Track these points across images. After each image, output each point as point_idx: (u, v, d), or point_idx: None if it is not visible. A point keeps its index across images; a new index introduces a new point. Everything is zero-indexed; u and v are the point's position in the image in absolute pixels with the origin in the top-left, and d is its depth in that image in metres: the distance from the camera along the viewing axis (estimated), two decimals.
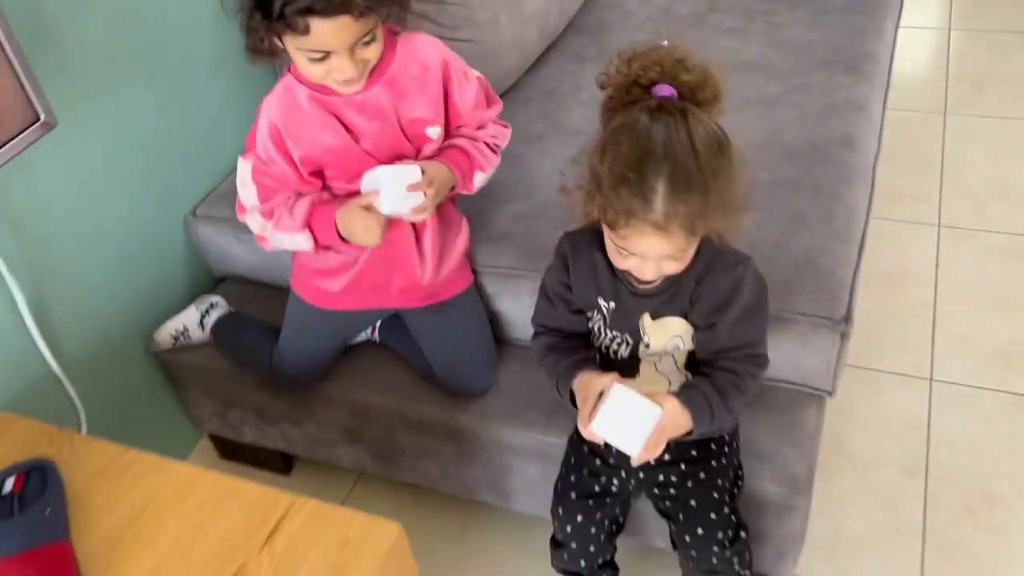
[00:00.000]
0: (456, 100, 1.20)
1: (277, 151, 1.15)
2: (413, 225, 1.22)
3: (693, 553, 1.14)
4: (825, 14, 1.78)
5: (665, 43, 1.81)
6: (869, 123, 1.49)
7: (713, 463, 1.14)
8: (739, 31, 1.77)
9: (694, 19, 1.84)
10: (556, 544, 1.22)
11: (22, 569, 0.93)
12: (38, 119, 1.08)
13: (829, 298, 1.18)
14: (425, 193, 1.12)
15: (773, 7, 1.83)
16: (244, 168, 1.19)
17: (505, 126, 1.28)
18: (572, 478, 1.19)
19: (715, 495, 1.13)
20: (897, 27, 1.86)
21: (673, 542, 1.17)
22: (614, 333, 1.08)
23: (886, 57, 1.71)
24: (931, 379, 1.66)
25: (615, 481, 1.18)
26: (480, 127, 1.24)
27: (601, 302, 1.07)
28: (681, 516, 1.14)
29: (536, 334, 1.15)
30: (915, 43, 2.66)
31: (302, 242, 1.18)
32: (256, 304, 1.52)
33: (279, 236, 1.19)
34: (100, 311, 1.38)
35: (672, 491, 1.15)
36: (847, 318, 1.17)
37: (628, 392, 0.99)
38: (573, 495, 1.19)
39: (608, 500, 1.19)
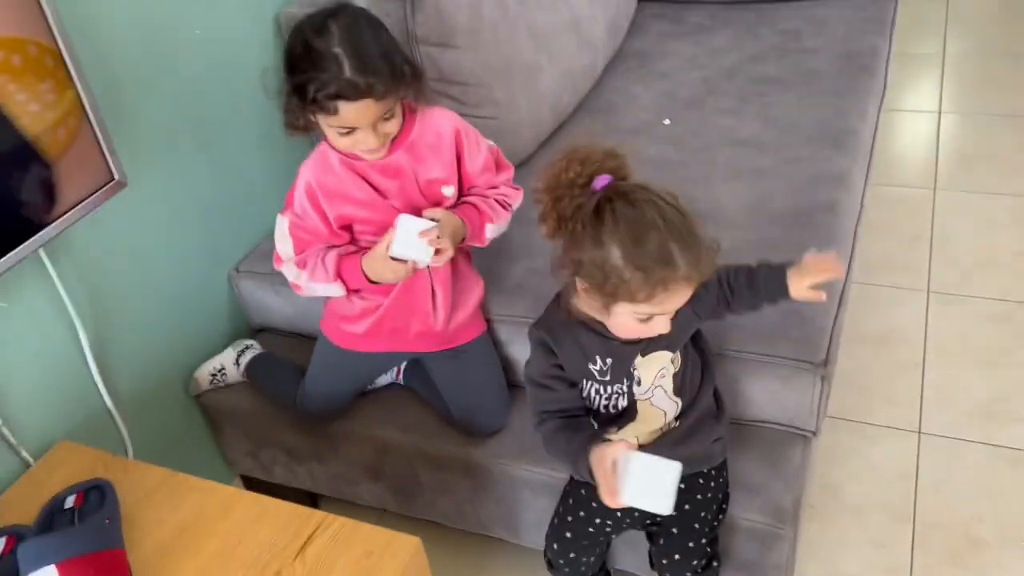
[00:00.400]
0: (467, 164, 1.36)
1: (312, 207, 1.31)
2: (430, 276, 1.36)
3: (667, 574, 1.25)
4: (813, 97, 1.94)
5: (667, 122, 1.99)
6: (850, 192, 1.64)
7: (699, 496, 1.25)
8: (735, 111, 1.94)
9: (694, 101, 2.01)
10: (549, 564, 1.33)
11: (83, 571, 1.04)
12: (113, 179, 1.25)
13: (811, 344, 1.30)
14: (434, 244, 1.23)
15: (766, 90, 2.00)
16: (282, 223, 1.35)
17: (516, 189, 1.42)
18: (569, 518, 1.29)
19: (696, 526, 1.23)
20: (880, 109, 2.02)
21: (651, 559, 1.28)
22: (614, 387, 1.17)
23: (868, 135, 1.86)
24: (919, 432, 1.76)
25: (609, 522, 1.28)
26: (491, 188, 1.39)
27: (592, 367, 1.16)
28: (662, 540, 1.25)
29: (540, 422, 1.20)
30: (908, 125, 2.83)
31: (336, 290, 1.33)
32: (290, 353, 1.65)
33: (314, 286, 1.34)
34: (149, 354, 1.52)
35: (659, 517, 1.24)
36: (827, 362, 1.29)
37: (641, 457, 1.03)
38: (568, 535, 1.29)
39: (601, 538, 1.29)
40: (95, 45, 1.27)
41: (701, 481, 1.25)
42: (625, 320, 1.08)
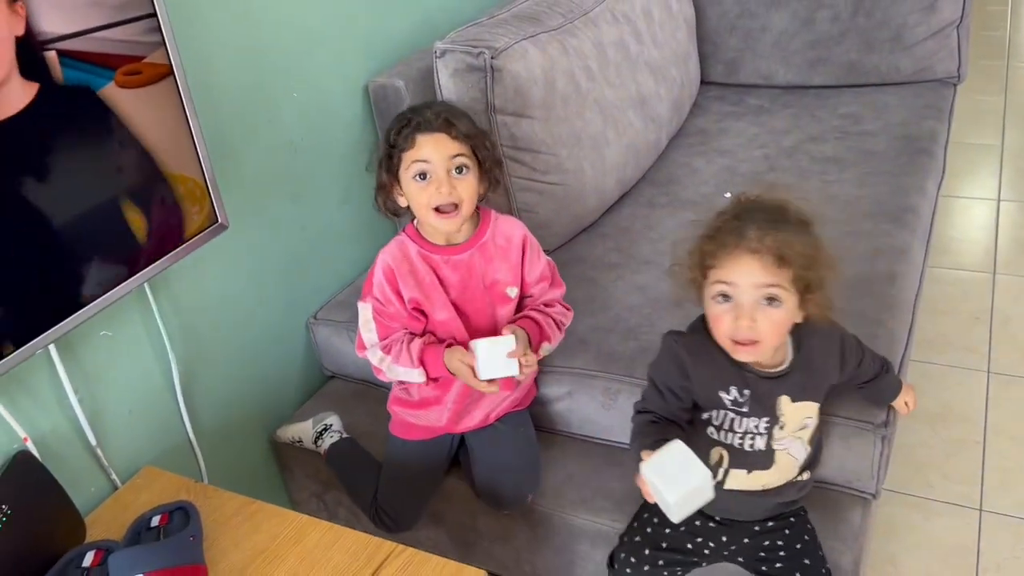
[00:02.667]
0: (526, 269, 1.44)
1: (390, 287, 1.38)
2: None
3: None
4: (873, 175, 2.00)
5: (727, 195, 2.06)
6: (910, 265, 1.67)
7: (808, 525, 1.28)
8: (795, 187, 2.00)
9: (755, 176, 2.08)
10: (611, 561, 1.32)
11: None
12: (217, 221, 1.36)
13: (871, 405, 1.33)
14: (521, 362, 1.31)
15: (826, 168, 2.06)
16: (365, 310, 1.41)
17: (568, 309, 1.49)
18: (667, 530, 1.28)
19: (820, 553, 1.25)
20: (939, 188, 2.07)
21: None
22: (750, 421, 1.19)
23: (928, 212, 1.91)
24: (980, 509, 1.74)
25: (711, 544, 1.28)
26: (547, 305, 1.46)
27: (725, 396, 1.18)
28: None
29: (637, 413, 1.25)
30: (967, 211, 2.86)
31: (417, 376, 1.38)
32: (359, 400, 1.73)
33: (396, 369, 1.39)
34: (229, 391, 1.60)
35: (781, 553, 1.25)
36: (887, 423, 1.31)
37: (685, 449, 1.07)
38: (664, 544, 1.27)
39: (693, 560, 1.28)
40: (209, 98, 1.40)
41: (794, 517, 1.28)
42: (711, 305, 1.13)
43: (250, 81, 1.52)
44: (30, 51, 1.03)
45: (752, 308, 1.09)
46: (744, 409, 1.18)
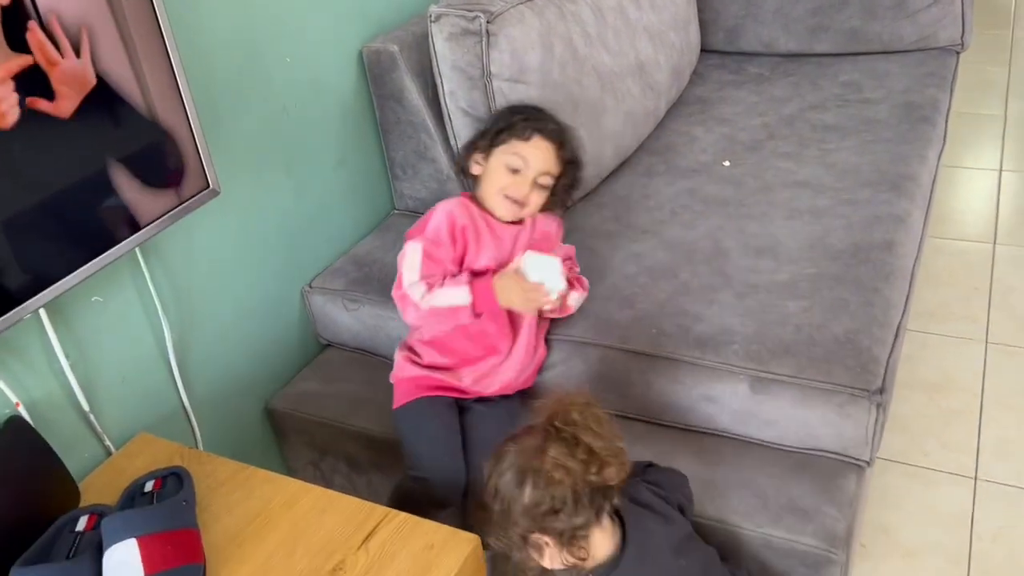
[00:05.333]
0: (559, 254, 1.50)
1: (447, 234, 1.42)
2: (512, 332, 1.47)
3: None
4: (873, 143, 1.98)
5: (726, 164, 2.03)
6: (909, 233, 1.66)
7: None
8: (794, 155, 1.98)
9: (754, 144, 2.06)
10: None
11: (161, 545, 1.10)
12: (208, 187, 1.35)
13: (866, 372, 1.32)
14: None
15: (825, 136, 2.04)
16: (415, 248, 1.42)
17: (586, 289, 1.55)
18: None
19: None
20: (940, 157, 2.05)
21: None
22: None
23: (928, 180, 1.89)
24: (976, 478, 1.74)
25: None
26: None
27: None
28: None
29: None
30: (968, 181, 2.84)
31: (463, 296, 1.37)
32: (355, 369, 1.73)
33: (440, 294, 1.38)
34: (223, 359, 1.60)
35: None
36: (882, 390, 1.31)
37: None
38: None
39: None
40: (200, 63, 1.38)
41: None
42: None
43: (242, 46, 1.50)
44: (17, 22, 1.01)
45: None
46: None
